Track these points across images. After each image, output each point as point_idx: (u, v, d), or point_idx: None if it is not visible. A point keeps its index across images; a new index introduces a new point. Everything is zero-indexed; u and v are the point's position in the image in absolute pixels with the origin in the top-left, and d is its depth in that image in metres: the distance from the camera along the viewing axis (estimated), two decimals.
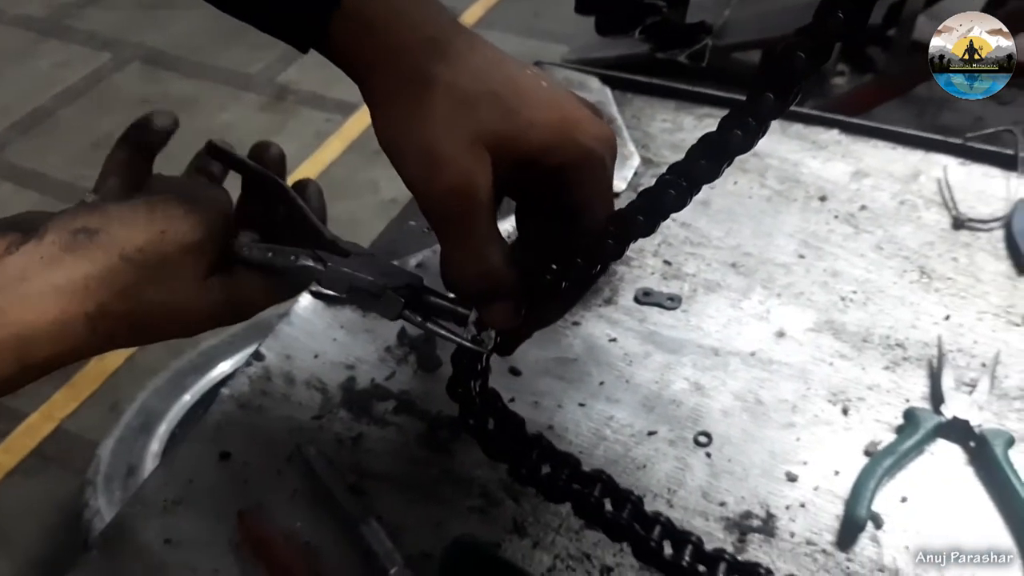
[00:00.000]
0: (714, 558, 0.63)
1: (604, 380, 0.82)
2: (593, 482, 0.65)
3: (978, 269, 0.92)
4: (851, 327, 0.86)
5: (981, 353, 0.83)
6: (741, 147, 0.49)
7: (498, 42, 0.55)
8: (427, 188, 0.52)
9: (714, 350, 0.85)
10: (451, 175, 0.51)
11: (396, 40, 0.51)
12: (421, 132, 0.51)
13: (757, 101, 0.47)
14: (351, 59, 0.53)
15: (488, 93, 0.52)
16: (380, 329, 0.87)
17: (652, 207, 0.53)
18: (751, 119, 0.48)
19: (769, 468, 0.75)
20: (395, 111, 0.52)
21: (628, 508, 0.64)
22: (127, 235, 0.53)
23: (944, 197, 1.00)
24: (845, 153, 1.07)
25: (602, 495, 0.64)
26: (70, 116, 3.10)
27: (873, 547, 0.69)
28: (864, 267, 0.92)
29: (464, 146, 0.51)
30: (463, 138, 0.51)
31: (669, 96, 1.17)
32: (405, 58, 0.51)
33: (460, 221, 0.53)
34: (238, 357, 1.71)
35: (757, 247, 0.95)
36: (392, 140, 0.52)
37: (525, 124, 0.52)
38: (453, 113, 0.51)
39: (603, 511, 0.64)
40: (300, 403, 0.81)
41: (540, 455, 0.66)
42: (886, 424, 0.78)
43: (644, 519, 0.64)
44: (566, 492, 0.65)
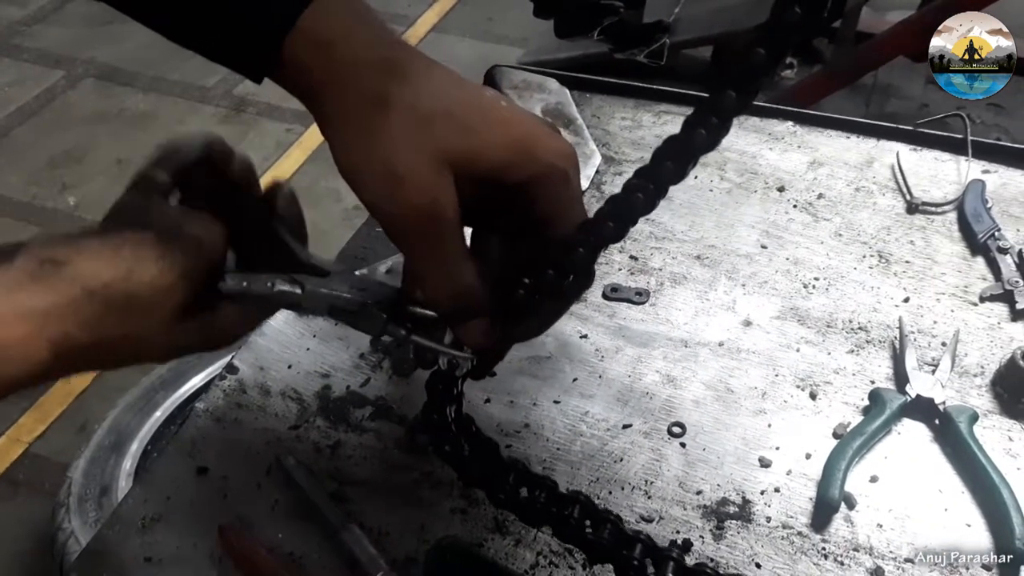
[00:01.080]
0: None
1: (577, 376, 0.84)
2: (571, 504, 0.64)
3: (934, 251, 0.94)
4: (815, 313, 0.88)
5: (941, 333, 0.85)
6: (706, 146, 0.50)
7: (453, 47, 0.56)
8: (391, 208, 0.52)
9: (683, 342, 0.86)
10: (415, 193, 0.51)
11: (352, 59, 0.52)
12: (381, 152, 0.51)
13: (719, 99, 0.48)
14: (306, 82, 0.53)
15: (447, 112, 0.52)
16: (353, 336, 0.88)
17: (621, 213, 0.54)
18: (714, 117, 0.49)
19: (743, 455, 0.77)
20: (353, 132, 0.52)
21: (608, 528, 0.63)
22: (92, 270, 0.51)
23: (898, 182, 1.02)
24: (801, 144, 1.09)
25: (581, 517, 0.63)
26: (25, 135, 3.05)
27: (847, 527, 0.71)
28: (824, 254, 0.94)
29: (426, 164, 0.51)
30: (424, 156, 0.51)
31: (627, 94, 1.18)
32: (362, 78, 0.52)
33: (427, 240, 0.53)
34: (209, 371, 1.70)
35: (720, 239, 0.97)
36: (351, 162, 0.52)
37: (485, 142, 0.52)
38: (413, 132, 0.51)
39: (584, 533, 0.63)
40: (276, 414, 0.81)
41: (517, 479, 0.66)
42: (853, 406, 0.80)
43: (625, 539, 0.63)
44: (544, 516, 0.64)
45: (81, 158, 2.93)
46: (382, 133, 0.51)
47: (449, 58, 2.82)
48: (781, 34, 0.45)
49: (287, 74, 0.53)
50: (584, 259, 0.55)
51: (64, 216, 2.72)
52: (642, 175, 0.53)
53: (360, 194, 0.52)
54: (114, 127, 3.07)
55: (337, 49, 0.52)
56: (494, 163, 0.52)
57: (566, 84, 1.19)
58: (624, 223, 0.54)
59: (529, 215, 0.56)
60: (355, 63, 0.52)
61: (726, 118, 0.49)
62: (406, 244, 0.54)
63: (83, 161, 2.92)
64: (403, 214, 0.52)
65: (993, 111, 2.46)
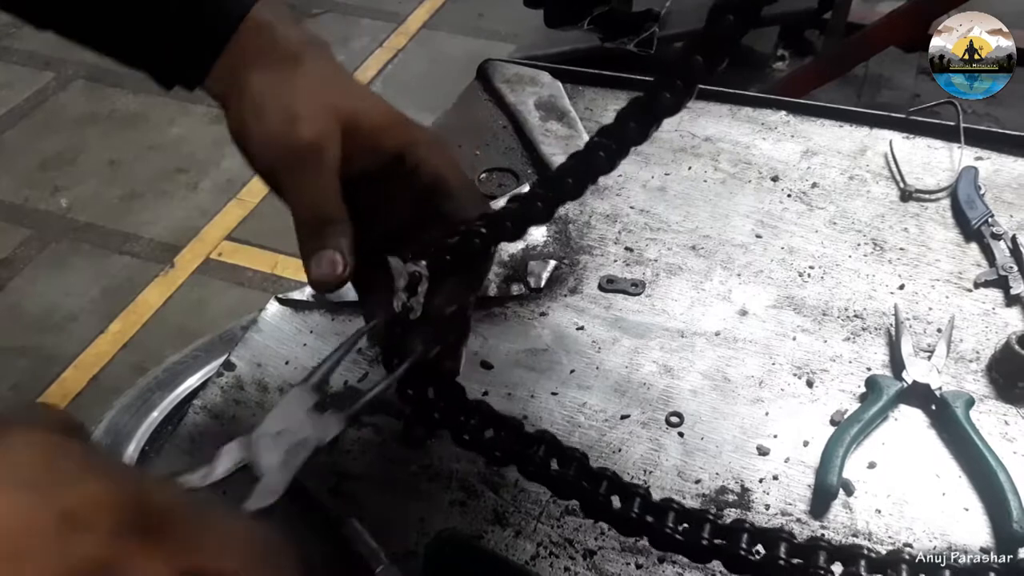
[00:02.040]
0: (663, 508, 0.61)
1: (575, 368, 0.84)
2: (537, 443, 0.64)
3: (928, 238, 0.94)
4: (811, 301, 0.88)
5: (936, 319, 0.86)
6: (669, 109, 0.51)
7: (444, 43, 0.59)
8: (284, 140, 0.59)
9: (680, 332, 0.86)
10: (306, 129, 0.59)
11: (283, 35, 0.62)
12: (286, 98, 0.60)
13: (684, 64, 0.49)
14: (237, 59, 0.61)
15: (342, 82, 0.63)
16: (349, 332, 0.87)
17: (581, 169, 0.55)
18: (679, 81, 0.50)
19: (741, 443, 0.77)
20: (263, 82, 0.60)
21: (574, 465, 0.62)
22: None
23: (891, 170, 1.03)
24: (794, 133, 1.09)
25: (547, 455, 0.63)
26: (16, 137, 3.04)
27: (846, 513, 0.71)
28: (819, 242, 0.95)
29: (319, 110, 0.60)
30: (318, 105, 0.60)
31: (620, 87, 1.18)
32: (287, 45, 0.62)
33: (305, 168, 0.59)
34: (205, 371, 1.69)
35: (715, 229, 0.97)
36: (258, 105, 0.60)
37: (367, 109, 0.62)
38: (313, 87, 0.61)
39: (549, 470, 0.63)
40: None
41: (482, 420, 0.66)
42: (850, 393, 0.80)
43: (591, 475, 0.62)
44: (510, 456, 0.64)
45: (73, 159, 2.92)
46: (289, 84, 0.60)
47: (440, 54, 2.85)
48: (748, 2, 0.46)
49: (222, 61, 0.61)
50: (541, 215, 0.59)
51: (56, 218, 2.72)
52: (604, 133, 0.55)
53: (259, 130, 0.59)
54: (105, 128, 3.06)
55: (274, 28, 0.62)
56: (374, 124, 0.62)
57: (558, 77, 1.19)
58: (583, 179, 0.57)
59: (420, 189, 0.64)
60: (285, 37, 0.62)
61: (690, 83, 0.50)
62: (287, 172, 0.60)
63: (75, 163, 2.91)
64: (291, 143, 0.59)
65: (984, 100, 2.47)
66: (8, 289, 2.54)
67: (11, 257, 2.63)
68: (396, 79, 3.32)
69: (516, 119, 1.13)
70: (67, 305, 2.47)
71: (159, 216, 2.70)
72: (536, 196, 0.59)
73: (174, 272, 2.56)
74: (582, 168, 0.56)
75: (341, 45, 3.51)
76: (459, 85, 1.24)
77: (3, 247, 2.65)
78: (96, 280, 2.55)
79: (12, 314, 2.47)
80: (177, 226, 2.68)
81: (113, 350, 2.34)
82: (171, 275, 2.55)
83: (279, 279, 2.50)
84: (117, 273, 2.56)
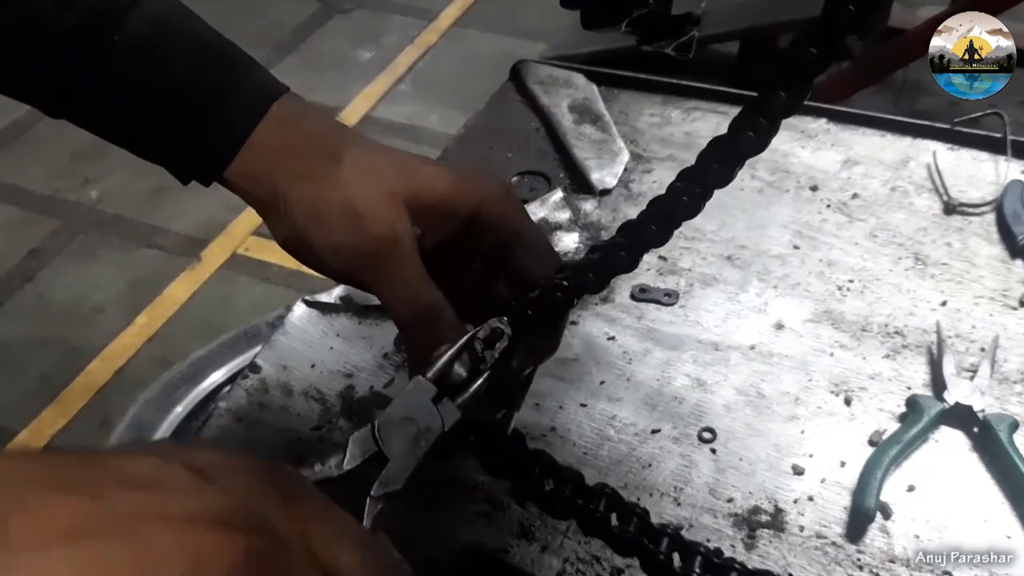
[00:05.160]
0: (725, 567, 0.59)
1: (604, 379, 0.82)
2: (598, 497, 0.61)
3: (972, 254, 0.92)
4: (849, 316, 0.86)
5: (980, 338, 0.83)
6: (754, 148, 0.48)
7: (475, 41, 0.58)
8: (354, 240, 0.56)
9: (714, 345, 0.84)
10: (374, 224, 0.56)
11: (309, 130, 0.59)
12: (340, 196, 0.56)
13: (768, 100, 0.47)
14: (263, 159, 0.58)
15: (390, 161, 0.59)
16: (377, 336, 0.87)
17: (664, 216, 0.52)
18: (762, 119, 0.47)
19: (775, 462, 0.75)
20: (312, 186, 0.57)
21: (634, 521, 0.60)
22: None
23: (935, 183, 1.00)
24: (834, 142, 1.06)
25: (607, 509, 0.60)
26: (47, 129, 3.06)
27: (883, 538, 0.69)
28: (859, 255, 0.92)
29: (381, 200, 0.57)
30: (378, 194, 0.57)
31: (655, 90, 1.16)
32: (317, 142, 0.59)
33: (388, 264, 0.57)
34: (229, 366, 1.69)
35: (751, 239, 0.95)
36: (312, 212, 0.57)
37: (427, 180, 0.59)
38: (365, 177, 0.57)
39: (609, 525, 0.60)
40: (299, 414, 0.80)
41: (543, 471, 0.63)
42: (889, 413, 0.78)
43: (652, 532, 0.59)
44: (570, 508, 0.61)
45: (103, 151, 2.92)
46: (339, 181, 0.57)
47: (472, 52, 2.85)
48: (832, 32, 0.43)
49: (243, 159, 0.58)
50: (626, 263, 0.55)
51: (86, 210, 2.74)
52: (686, 177, 0.51)
53: (322, 239, 0.57)
54: None
55: (300, 125, 0.59)
56: (439, 194, 0.58)
57: (593, 80, 1.18)
58: (667, 226, 0.52)
59: (493, 246, 0.61)
60: (312, 132, 0.59)
61: (774, 119, 0.47)
62: (369, 272, 0.57)
63: (105, 154, 2.92)
64: (364, 245, 0.56)
65: None
66: (37, 279, 2.55)
67: (41, 248, 2.65)
68: (427, 77, 3.31)
69: (549, 121, 1.12)
70: (94, 297, 2.49)
71: (187, 210, 2.71)
72: (619, 245, 0.55)
73: (201, 266, 2.56)
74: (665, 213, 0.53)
75: (372, 42, 3.50)
76: (490, 84, 1.22)
77: (33, 237, 2.67)
78: (123, 273, 2.56)
79: (40, 304, 2.49)
80: (204, 220, 2.69)
81: (139, 343, 2.35)
82: (198, 269, 2.56)
83: (304, 276, 2.50)
84: (144, 266, 2.57)
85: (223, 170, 0.58)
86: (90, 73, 0.57)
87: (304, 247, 0.58)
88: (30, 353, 2.33)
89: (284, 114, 0.59)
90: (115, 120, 0.60)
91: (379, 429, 0.54)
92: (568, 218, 0.98)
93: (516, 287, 0.62)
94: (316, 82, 3.26)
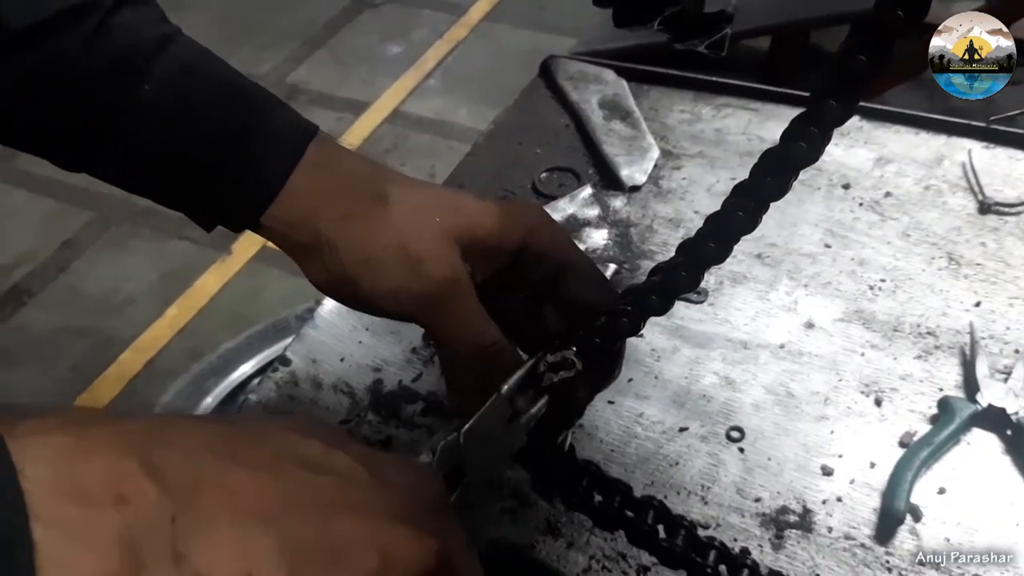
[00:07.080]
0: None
1: (632, 376, 0.82)
2: (646, 508, 0.61)
3: (1007, 254, 0.90)
4: (881, 316, 0.85)
5: (1014, 339, 0.82)
6: (807, 159, 0.48)
7: (505, 36, 0.57)
8: (417, 285, 0.55)
9: (743, 343, 0.84)
10: (436, 268, 0.55)
11: (350, 171, 0.58)
12: (393, 240, 0.56)
13: (819, 109, 0.46)
14: (301, 205, 0.56)
15: (436, 200, 0.58)
16: (405, 331, 0.87)
17: (721, 232, 0.52)
18: (814, 128, 0.47)
19: (803, 462, 0.74)
20: (359, 230, 0.56)
21: (682, 534, 0.60)
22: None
23: (969, 181, 0.99)
24: (867, 139, 1.05)
25: (655, 521, 0.60)
26: None
27: (913, 540, 0.69)
28: (891, 255, 0.91)
29: (436, 242, 0.56)
30: (432, 236, 0.56)
31: (686, 87, 1.15)
32: (360, 184, 0.58)
33: (452, 306, 0.56)
34: (258, 358, 1.71)
35: (782, 237, 0.94)
36: (362, 258, 0.56)
37: (474, 216, 0.58)
38: (415, 219, 0.57)
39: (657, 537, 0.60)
40: (328, 407, 0.81)
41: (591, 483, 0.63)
42: (920, 414, 0.77)
43: (699, 544, 0.59)
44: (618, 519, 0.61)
45: None
46: (388, 224, 0.56)
47: (501, 47, 2.85)
48: (883, 36, 0.42)
49: (282, 203, 0.57)
50: (688, 283, 0.55)
51: (119, 202, 2.77)
52: (741, 191, 0.50)
53: (378, 283, 0.56)
54: None
55: (336, 167, 0.58)
56: (489, 230, 0.58)
57: (623, 75, 1.17)
58: (725, 243, 0.52)
59: (541, 275, 0.60)
60: (352, 173, 0.59)
61: (827, 129, 0.46)
62: (434, 315, 0.57)
63: None
64: (425, 288, 0.56)
65: None
66: (70, 270, 2.59)
67: (74, 239, 2.68)
68: (456, 71, 3.32)
69: (579, 118, 1.11)
70: (126, 288, 2.52)
71: None
72: (679, 265, 0.55)
73: (231, 259, 2.59)
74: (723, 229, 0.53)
75: (401, 36, 3.51)
76: (520, 79, 1.22)
77: (67, 228, 2.71)
78: (155, 264, 2.59)
79: (73, 295, 2.52)
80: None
81: (169, 334, 2.38)
82: (228, 262, 2.58)
83: None
84: (176, 258, 2.60)
85: (260, 215, 0.57)
86: (117, 120, 0.56)
87: (352, 290, 0.57)
88: (64, 343, 2.36)
89: (321, 156, 0.58)
90: (141, 167, 0.58)
91: (464, 441, 0.54)
92: (597, 214, 0.97)
93: (567, 315, 0.61)
94: (345, 76, 3.28)
